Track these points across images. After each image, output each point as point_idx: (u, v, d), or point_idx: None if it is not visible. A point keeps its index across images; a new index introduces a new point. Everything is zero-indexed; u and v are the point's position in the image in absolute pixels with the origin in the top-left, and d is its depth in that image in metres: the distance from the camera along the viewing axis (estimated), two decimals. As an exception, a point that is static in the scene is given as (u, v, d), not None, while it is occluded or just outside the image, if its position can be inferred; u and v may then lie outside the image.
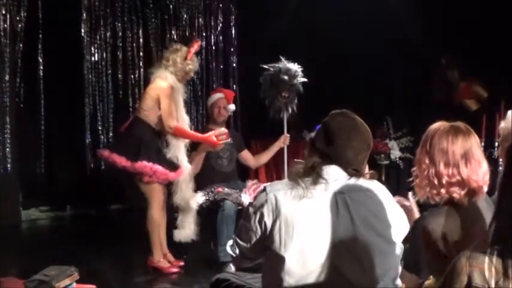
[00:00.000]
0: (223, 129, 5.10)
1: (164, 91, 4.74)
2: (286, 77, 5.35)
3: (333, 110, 2.41)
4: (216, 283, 2.74)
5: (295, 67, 5.41)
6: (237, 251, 2.43)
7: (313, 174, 2.22)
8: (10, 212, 6.90)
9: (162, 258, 5.00)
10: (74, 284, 4.29)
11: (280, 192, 2.22)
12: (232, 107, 5.46)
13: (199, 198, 5.05)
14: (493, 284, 1.52)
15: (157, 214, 4.90)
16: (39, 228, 7.13)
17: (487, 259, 1.53)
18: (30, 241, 6.51)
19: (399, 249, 2.25)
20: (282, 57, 5.36)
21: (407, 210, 2.61)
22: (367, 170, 2.44)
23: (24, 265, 5.15)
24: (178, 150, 4.89)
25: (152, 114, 4.79)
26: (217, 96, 5.45)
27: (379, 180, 2.40)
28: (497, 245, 1.54)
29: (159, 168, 4.69)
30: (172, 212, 5.05)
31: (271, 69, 5.37)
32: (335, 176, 2.23)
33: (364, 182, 2.26)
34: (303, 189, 2.19)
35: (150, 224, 4.92)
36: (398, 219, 2.28)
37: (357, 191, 2.22)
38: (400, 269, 2.28)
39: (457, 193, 2.35)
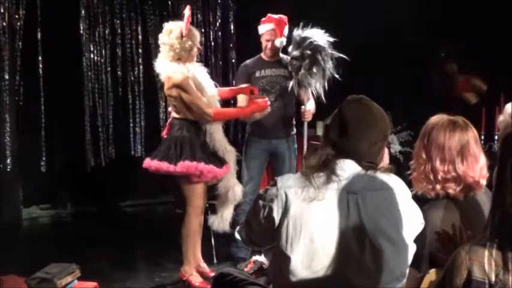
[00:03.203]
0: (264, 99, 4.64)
1: (181, 86, 4.32)
2: (289, 48, 4.86)
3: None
4: (219, 277, 2.74)
5: (301, 35, 4.80)
6: (245, 236, 2.44)
7: (327, 170, 2.16)
8: (11, 210, 6.90)
9: (194, 271, 4.65)
10: (76, 281, 4.31)
11: (292, 190, 2.18)
12: (278, 41, 4.87)
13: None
14: (493, 277, 1.52)
15: (194, 222, 4.55)
16: (40, 226, 7.13)
17: (486, 252, 1.53)
18: (31, 239, 6.52)
19: (411, 251, 2.17)
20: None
21: None
22: (387, 159, 2.39)
23: (26, 263, 5.16)
24: (222, 145, 4.56)
25: (188, 113, 4.42)
26: (266, 27, 4.89)
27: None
28: (496, 238, 1.54)
29: (205, 166, 4.35)
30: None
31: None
32: (349, 172, 2.16)
33: (380, 178, 2.17)
34: (314, 190, 2.14)
35: (185, 232, 4.57)
36: (413, 218, 2.19)
37: (371, 190, 2.14)
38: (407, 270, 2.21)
39: (453, 189, 2.37)
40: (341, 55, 4.87)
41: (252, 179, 4.91)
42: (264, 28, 4.91)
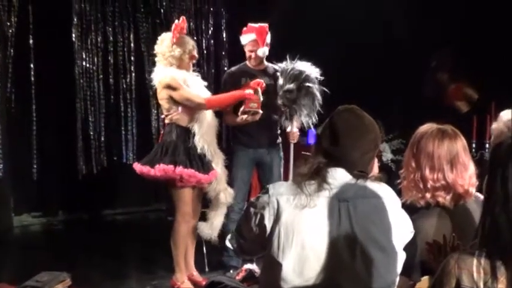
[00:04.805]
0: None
1: (170, 85, 4.38)
2: (280, 81, 4.87)
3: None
4: (211, 286, 2.74)
5: (295, 68, 4.85)
6: (236, 245, 2.43)
7: (318, 178, 2.17)
8: (2, 218, 6.86)
9: (186, 279, 4.60)
10: (66, 290, 4.29)
11: (283, 197, 2.18)
12: (260, 51, 4.86)
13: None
14: (481, 285, 1.53)
15: (183, 228, 4.52)
16: (31, 233, 7.09)
17: (475, 261, 1.54)
18: (22, 247, 6.48)
19: (401, 259, 2.18)
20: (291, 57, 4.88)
21: None
22: (376, 169, 2.40)
23: (16, 271, 5.15)
24: (212, 147, 4.56)
25: (177, 114, 4.46)
26: (248, 38, 4.91)
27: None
28: (485, 247, 1.55)
29: (184, 170, 4.33)
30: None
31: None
32: (340, 180, 2.17)
33: (370, 186, 2.18)
34: (306, 197, 2.14)
35: (174, 239, 4.54)
36: (403, 226, 2.20)
37: (362, 198, 2.14)
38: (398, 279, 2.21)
39: (442, 197, 2.38)
40: (325, 89, 4.91)
41: (240, 188, 4.91)
42: (246, 39, 4.92)
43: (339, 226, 2.11)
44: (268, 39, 4.91)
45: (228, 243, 2.50)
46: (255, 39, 4.86)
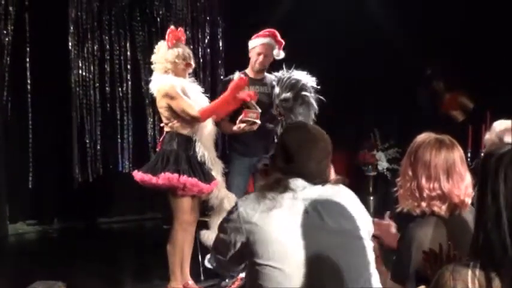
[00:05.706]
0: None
1: (169, 94, 4.38)
2: (276, 90, 4.89)
3: (312, 123, 2.42)
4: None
5: (292, 77, 4.87)
6: (215, 263, 2.47)
7: (280, 188, 2.25)
8: (-3, 226, 6.85)
9: (181, 287, 4.56)
10: (62, 299, 4.28)
11: (250, 205, 2.25)
12: (276, 52, 4.91)
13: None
14: (476, 296, 1.52)
15: (180, 236, 4.50)
16: (26, 242, 7.09)
17: (470, 272, 1.54)
18: (17, 255, 6.48)
19: (370, 246, 2.28)
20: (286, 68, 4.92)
21: (387, 229, 2.65)
22: (332, 173, 2.47)
23: (11, 280, 5.13)
24: (211, 155, 4.60)
25: (178, 122, 4.47)
26: (265, 40, 4.92)
27: (366, 190, 2.42)
28: (479, 259, 1.55)
29: (188, 179, 4.33)
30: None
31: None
32: (302, 187, 2.25)
33: (330, 188, 2.30)
34: (270, 201, 2.22)
35: (171, 247, 4.51)
36: (365, 218, 2.33)
37: (325, 197, 2.25)
38: (374, 269, 2.28)
39: (438, 206, 2.39)
40: (321, 97, 4.94)
41: (236, 195, 4.89)
42: (260, 41, 4.93)
43: (310, 222, 2.19)
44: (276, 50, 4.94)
45: (207, 264, 2.54)
46: (273, 43, 4.91)
